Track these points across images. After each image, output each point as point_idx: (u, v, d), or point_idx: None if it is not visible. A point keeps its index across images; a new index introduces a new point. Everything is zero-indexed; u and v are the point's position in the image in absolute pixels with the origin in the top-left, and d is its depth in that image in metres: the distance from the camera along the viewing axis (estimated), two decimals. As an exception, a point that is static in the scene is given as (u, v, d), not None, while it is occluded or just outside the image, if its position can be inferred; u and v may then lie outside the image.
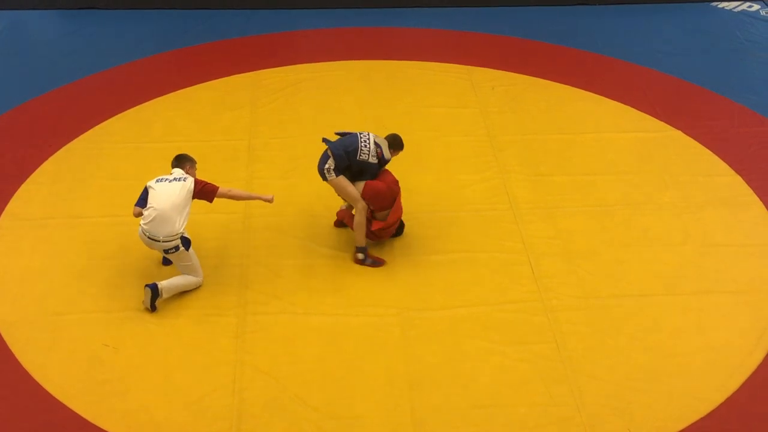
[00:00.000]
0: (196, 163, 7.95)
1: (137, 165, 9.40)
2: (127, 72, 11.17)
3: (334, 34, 12.14)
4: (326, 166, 7.96)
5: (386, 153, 8.09)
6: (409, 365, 7.20)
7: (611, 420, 6.79)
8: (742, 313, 7.73)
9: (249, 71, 11.13)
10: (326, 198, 8.55)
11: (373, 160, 8.01)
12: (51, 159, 9.48)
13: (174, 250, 7.55)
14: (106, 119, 10.15)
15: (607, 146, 9.87)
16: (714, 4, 13.10)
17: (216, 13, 12.61)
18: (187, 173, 7.76)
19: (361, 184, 8.03)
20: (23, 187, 9.04)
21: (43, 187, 9.09)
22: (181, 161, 7.85)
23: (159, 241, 7.49)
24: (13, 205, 8.81)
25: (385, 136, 8.18)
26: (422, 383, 7.05)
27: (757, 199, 9.07)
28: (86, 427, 6.65)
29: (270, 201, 8.00)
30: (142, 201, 7.64)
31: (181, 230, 7.52)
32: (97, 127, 10.02)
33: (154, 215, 7.45)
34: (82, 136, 9.85)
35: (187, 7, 12.73)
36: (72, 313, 7.62)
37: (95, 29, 12.19)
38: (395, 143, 8.23)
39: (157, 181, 7.64)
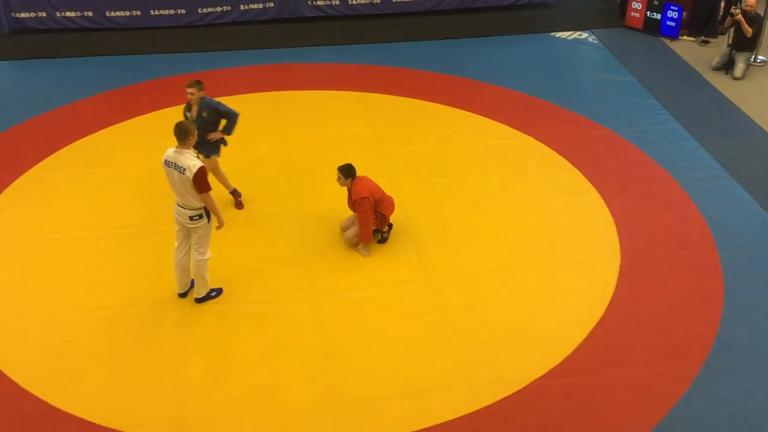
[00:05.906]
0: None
1: (87, 188, 9.14)
2: (73, 110, 10.80)
3: (249, 71, 11.97)
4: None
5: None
6: (322, 339, 7.18)
7: (487, 371, 6.89)
8: (584, 278, 7.92)
9: (176, 105, 10.89)
10: (247, 207, 8.45)
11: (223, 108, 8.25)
12: (10, 187, 9.11)
13: (198, 218, 7.11)
14: (57, 151, 9.82)
15: (474, 151, 10.00)
16: (552, 34, 13.45)
17: (147, 57, 12.32)
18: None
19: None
20: (-14, 213, 8.69)
21: (4, 212, 8.73)
22: (183, 134, 6.86)
23: (185, 209, 7.06)
24: (-22, 229, 8.46)
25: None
26: (333, 353, 7.04)
27: (592, 187, 9.30)
28: (51, 411, 6.44)
29: (219, 227, 7.39)
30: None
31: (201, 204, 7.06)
32: (49, 158, 9.68)
33: (176, 193, 7.05)
34: (36, 166, 9.51)
35: (121, 53, 12.42)
36: (36, 316, 7.37)
37: (43, 75, 11.76)
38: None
39: (165, 164, 6.99)
